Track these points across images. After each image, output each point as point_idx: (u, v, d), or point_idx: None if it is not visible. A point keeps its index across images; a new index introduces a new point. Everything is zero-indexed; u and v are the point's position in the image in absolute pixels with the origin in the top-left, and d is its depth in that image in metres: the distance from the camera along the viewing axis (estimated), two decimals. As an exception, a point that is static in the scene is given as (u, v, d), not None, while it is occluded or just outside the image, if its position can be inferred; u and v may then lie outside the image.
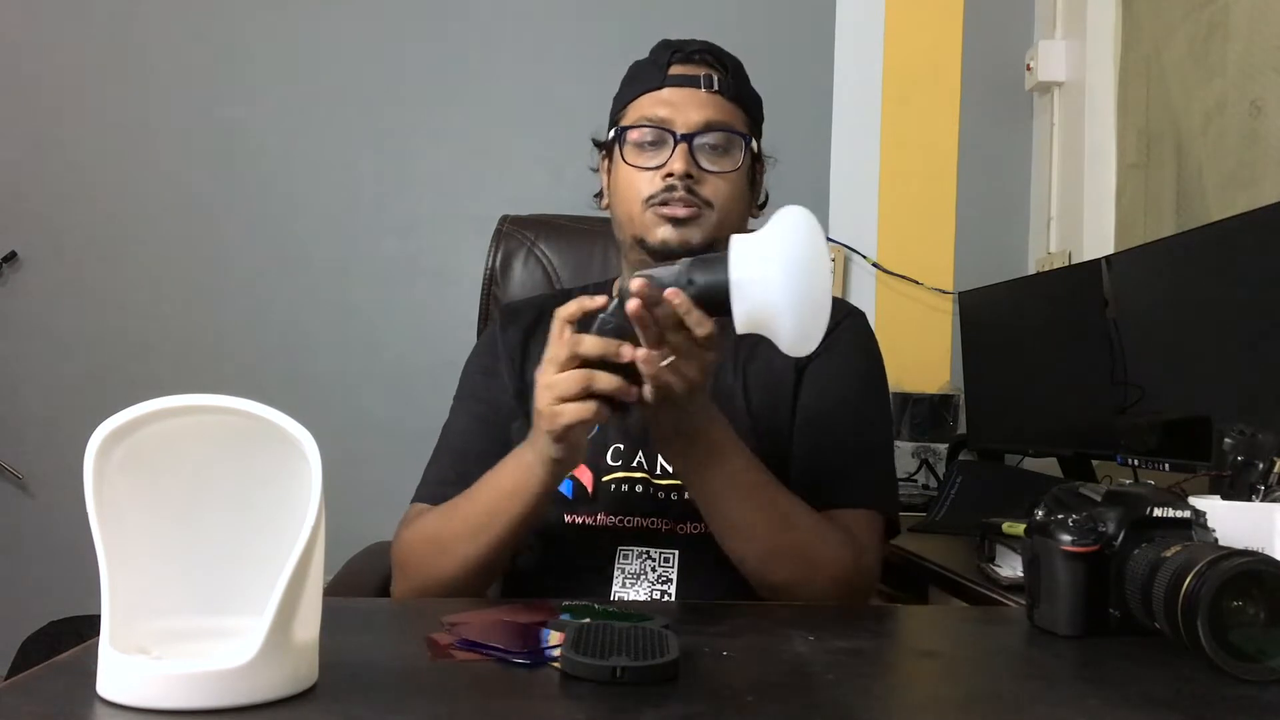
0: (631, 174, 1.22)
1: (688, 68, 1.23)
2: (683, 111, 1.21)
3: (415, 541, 1.17)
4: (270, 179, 2.59)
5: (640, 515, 1.19)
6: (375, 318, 2.58)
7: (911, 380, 2.43)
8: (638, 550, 1.18)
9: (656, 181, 1.20)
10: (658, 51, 1.27)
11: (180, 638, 0.68)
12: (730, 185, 1.21)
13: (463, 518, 1.12)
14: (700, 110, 1.21)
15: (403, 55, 2.61)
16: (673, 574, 1.17)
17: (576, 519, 1.20)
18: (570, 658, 0.71)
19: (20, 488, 2.53)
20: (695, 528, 1.17)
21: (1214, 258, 1.52)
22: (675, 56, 1.24)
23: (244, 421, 0.67)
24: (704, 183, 1.20)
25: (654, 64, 1.25)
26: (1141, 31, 2.22)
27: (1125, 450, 1.67)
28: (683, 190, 1.18)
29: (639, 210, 1.21)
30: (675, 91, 1.22)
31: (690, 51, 1.24)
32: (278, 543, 0.65)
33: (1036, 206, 2.63)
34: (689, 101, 1.21)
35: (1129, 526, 0.86)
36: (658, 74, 1.24)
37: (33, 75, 2.57)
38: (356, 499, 2.19)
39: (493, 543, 1.10)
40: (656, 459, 1.21)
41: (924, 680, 0.83)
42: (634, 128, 1.22)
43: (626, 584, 1.17)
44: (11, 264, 2.54)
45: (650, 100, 1.23)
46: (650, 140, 1.21)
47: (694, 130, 1.20)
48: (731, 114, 1.23)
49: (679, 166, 1.18)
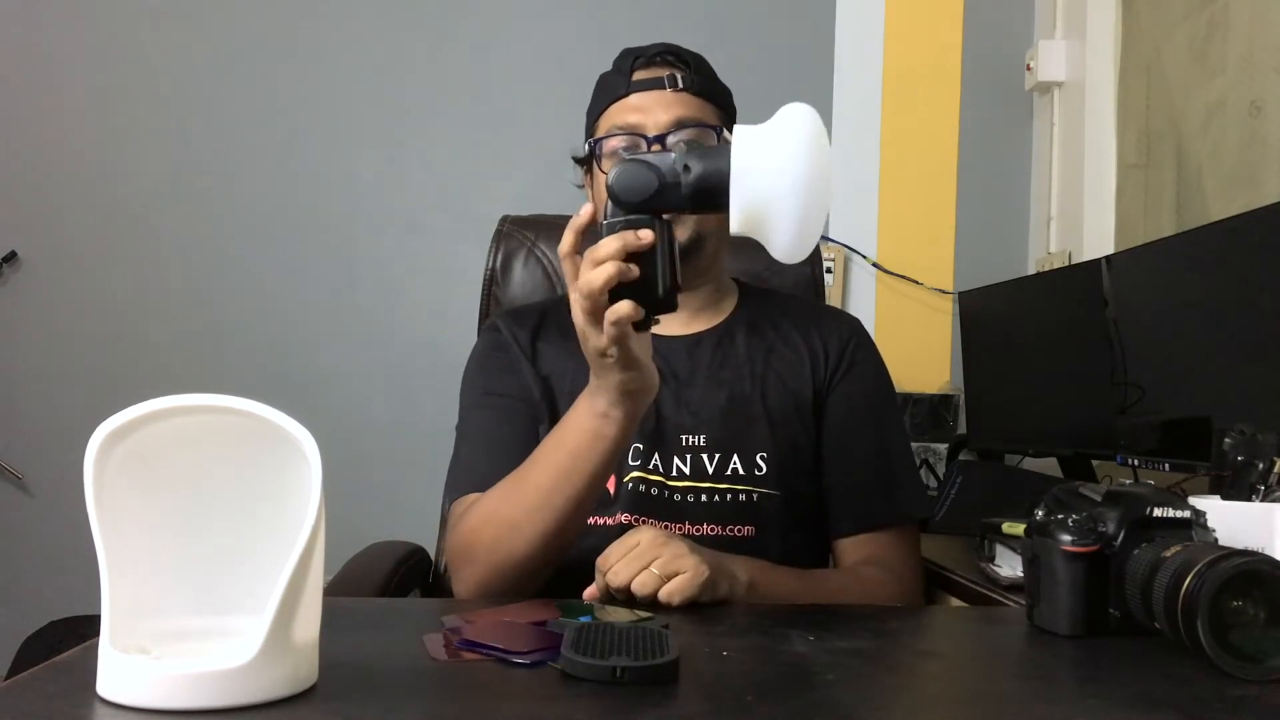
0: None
1: (650, 71, 1.25)
2: (651, 114, 1.22)
3: (479, 526, 1.12)
4: (270, 179, 2.58)
5: (657, 517, 1.19)
6: (375, 318, 2.58)
7: (911, 380, 2.43)
8: None
9: None
10: (620, 60, 1.28)
11: (180, 638, 0.69)
12: None
13: (534, 487, 1.07)
14: (668, 110, 1.22)
15: (403, 55, 2.61)
16: None
17: (599, 520, 1.19)
18: (570, 658, 0.71)
19: (20, 488, 2.53)
20: (712, 529, 1.19)
21: (1214, 258, 1.51)
22: (637, 62, 1.25)
23: (244, 421, 0.67)
24: None
25: (618, 73, 1.27)
26: (1141, 31, 2.22)
27: (1125, 450, 1.67)
28: None
29: None
30: (641, 96, 1.23)
31: (651, 55, 1.26)
32: (278, 543, 0.65)
33: (1036, 206, 2.63)
34: (656, 103, 1.23)
35: (1129, 526, 0.86)
36: (622, 81, 1.25)
37: (33, 75, 2.57)
38: (356, 499, 2.20)
39: (568, 509, 1.06)
40: (672, 461, 1.22)
41: (924, 680, 0.83)
42: (606, 138, 1.24)
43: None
44: (11, 264, 2.54)
45: (618, 109, 1.24)
46: (624, 147, 1.22)
47: (664, 130, 1.21)
48: (700, 109, 1.24)
49: None
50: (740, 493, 1.21)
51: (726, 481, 1.21)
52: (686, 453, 1.22)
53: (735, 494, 1.21)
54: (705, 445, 1.22)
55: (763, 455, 1.23)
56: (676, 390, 1.26)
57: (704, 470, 1.21)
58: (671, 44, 1.28)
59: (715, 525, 1.19)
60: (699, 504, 1.19)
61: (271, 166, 2.59)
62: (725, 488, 1.21)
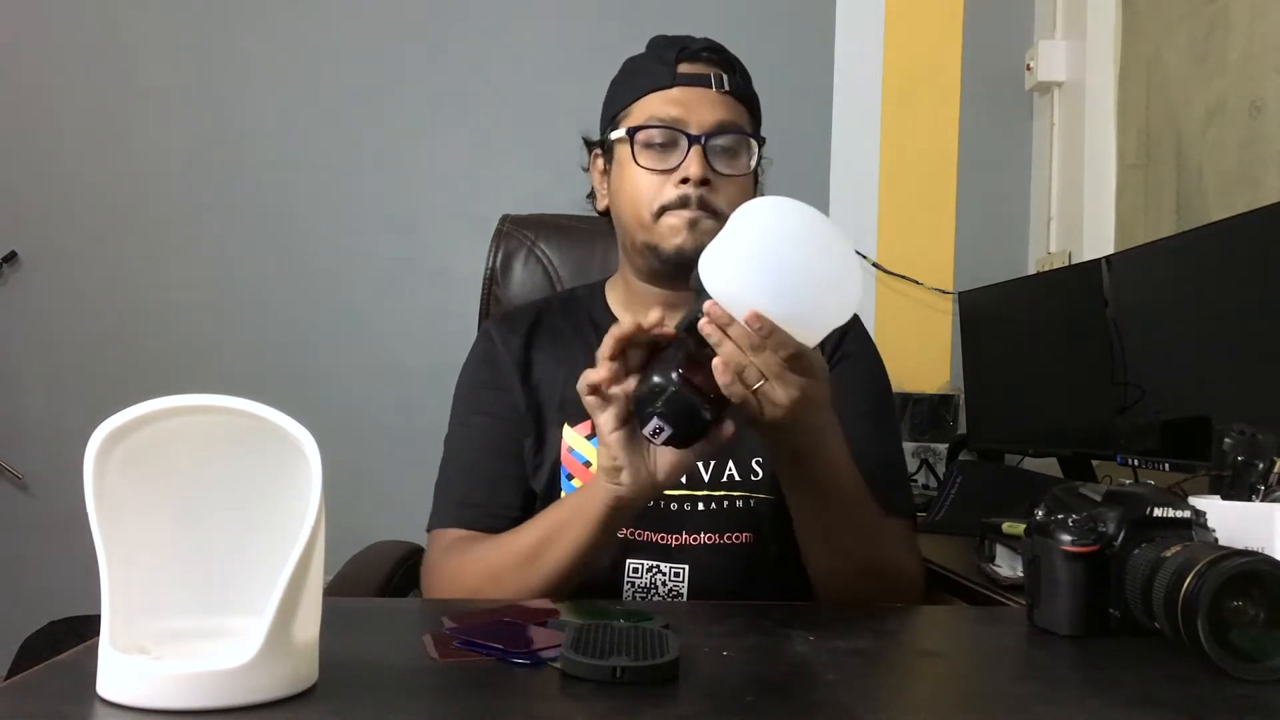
0: (641, 177, 1.18)
1: (696, 66, 1.19)
2: (695, 112, 1.16)
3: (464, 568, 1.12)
4: (270, 179, 2.58)
5: (650, 530, 1.17)
6: (375, 318, 2.58)
7: (911, 380, 2.43)
8: (648, 564, 1.17)
9: (669, 188, 1.16)
10: (661, 48, 1.22)
11: (180, 638, 0.69)
12: (740, 190, 1.18)
13: (521, 546, 1.06)
14: (713, 111, 1.17)
15: (403, 55, 2.60)
16: (683, 588, 1.16)
17: None
18: (570, 658, 0.71)
19: (20, 488, 2.53)
20: (710, 538, 1.17)
21: (1214, 258, 1.51)
22: (683, 54, 1.20)
23: (244, 421, 0.67)
24: (717, 189, 1.16)
25: (660, 61, 1.21)
26: (1141, 31, 2.22)
27: (1125, 450, 1.67)
28: (696, 200, 1.15)
29: (650, 219, 1.17)
30: (686, 91, 1.18)
31: (697, 49, 1.21)
32: (278, 543, 0.65)
33: (1036, 206, 2.63)
34: (701, 101, 1.17)
35: (1129, 526, 0.86)
36: (667, 73, 1.19)
37: (33, 75, 2.57)
38: (356, 499, 2.20)
39: (550, 573, 1.03)
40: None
41: (924, 680, 0.83)
42: (645, 128, 1.18)
43: (637, 598, 1.16)
44: (11, 264, 2.54)
45: (660, 99, 1.18)
46: (661, 141, 1.17)
47: (708, 131, 1.16)
48: (741, 115, 1.20)
49: (695, 170, 1.14)
50: (737, 499, 1.18)
51: (723, 489, 1.19)
52: None
53: (732, 500, 1.18)
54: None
55: (758, 460, 1.20)
56: None
57: (700, 478, 1.18)
58: (715, 41, 1.23)
59: (713, 534, 1.16)
60: (695, 513, 1.17)
61: (272, 166, 2.58)
62: (722, 494, 1.18)
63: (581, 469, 1.19)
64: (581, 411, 1.20)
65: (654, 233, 1.17)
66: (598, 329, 1.27)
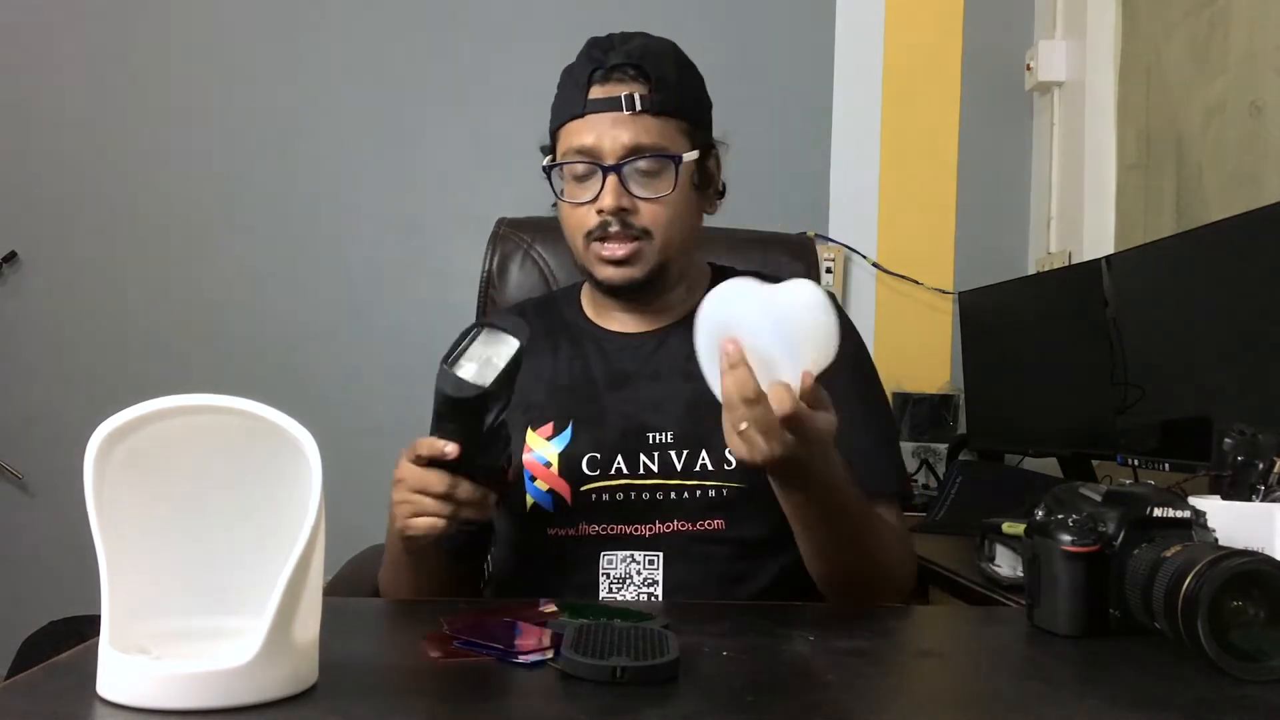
0: (566, 207, 1.21)
1: (608, 87, 1.18)
2: (608, 137, 1.16)
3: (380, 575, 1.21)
4: (270, 179, 2.58)
5: (623, 522, 1.17)
6: (375, 318, 2.58)
7: (911, 380, 2.43)
8: (622, 555, 1.17)
9: (592, 216, 1.18)
10: (581, 63, 1.22)
11: (180, 638, 0.69)
12: (668, 208, 1.18)
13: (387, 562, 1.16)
14: (625, 134, 1.16)
15: (403, 55, 2.61)
16: (658, 575, 1.16)
17: (559, 532, 1.18)
18: (570, 658, 0.71)
19: (20, 488, 2.53)
20: (683, 525, 1.17)
21: (1214, 258, 1.52)
22: (595, 75, 1.19)
23: (244, 421, 0.67)
24: (639, 212, 1.17)
25: (575, 84, 1.20)
26: (1141, 31, 2.22)
27: (1125, 450, 1.67)
28: (618, 225, 1.16)
29: (582, 246, 1.20)
30: (597, 118, 1.17)
31: (610, 68, 1.19)
32: (278, 543, 0.65)
33: (1036, 206, 2.63)
34: (614, 126, 1.16)
35: (1129, 526, 0.86)
36: (579, 98, 1.18)
37: (33, 75, 2.57)
38: (356, 499, 2.19)
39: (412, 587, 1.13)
40: (638, 459, 1.18)
41: (924, 680, 0.83)
42: (563, 163, 1.20)
43: (613, 589, 1.16)
44: (11, 264, 2.54)
45: (575, 128, 1.19)
46: (580, 174, 1.19)
47: (620, 159, 1.16)
48: (658, 132, 1.18)
49: (609, 202, 1.15)
50: (710, 489, 1.17)
51: (695, 478, 1.18)
52: (654, 450, 1.19)
53: (704, 490, 1.17)
54: (673, 442, 1.19)
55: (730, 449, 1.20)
56: (640, 389, 1.23)
57: (673, 468, 1.18)
58: (635, 49, 1.20)
59: (685, 522, 1.16)
60: (668, 502, 1.17)
61: (271, 167, 2.59)
62: (694, 484, 1.18)
63: (543, 470, 1.19)
64: (543, 414, 1.21)
65: (587, 258, 1.21)
66: (570, 331, 1.29)
